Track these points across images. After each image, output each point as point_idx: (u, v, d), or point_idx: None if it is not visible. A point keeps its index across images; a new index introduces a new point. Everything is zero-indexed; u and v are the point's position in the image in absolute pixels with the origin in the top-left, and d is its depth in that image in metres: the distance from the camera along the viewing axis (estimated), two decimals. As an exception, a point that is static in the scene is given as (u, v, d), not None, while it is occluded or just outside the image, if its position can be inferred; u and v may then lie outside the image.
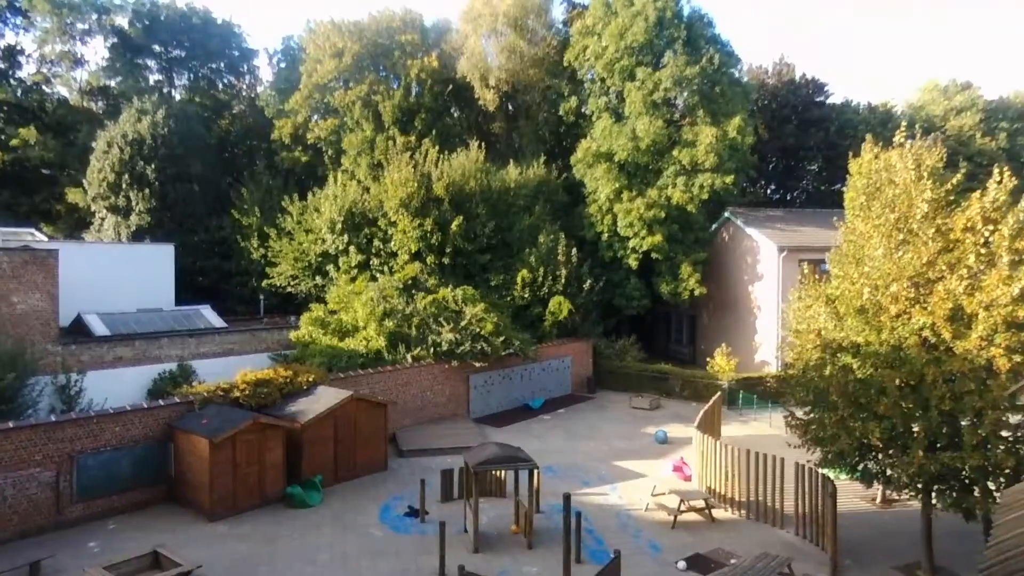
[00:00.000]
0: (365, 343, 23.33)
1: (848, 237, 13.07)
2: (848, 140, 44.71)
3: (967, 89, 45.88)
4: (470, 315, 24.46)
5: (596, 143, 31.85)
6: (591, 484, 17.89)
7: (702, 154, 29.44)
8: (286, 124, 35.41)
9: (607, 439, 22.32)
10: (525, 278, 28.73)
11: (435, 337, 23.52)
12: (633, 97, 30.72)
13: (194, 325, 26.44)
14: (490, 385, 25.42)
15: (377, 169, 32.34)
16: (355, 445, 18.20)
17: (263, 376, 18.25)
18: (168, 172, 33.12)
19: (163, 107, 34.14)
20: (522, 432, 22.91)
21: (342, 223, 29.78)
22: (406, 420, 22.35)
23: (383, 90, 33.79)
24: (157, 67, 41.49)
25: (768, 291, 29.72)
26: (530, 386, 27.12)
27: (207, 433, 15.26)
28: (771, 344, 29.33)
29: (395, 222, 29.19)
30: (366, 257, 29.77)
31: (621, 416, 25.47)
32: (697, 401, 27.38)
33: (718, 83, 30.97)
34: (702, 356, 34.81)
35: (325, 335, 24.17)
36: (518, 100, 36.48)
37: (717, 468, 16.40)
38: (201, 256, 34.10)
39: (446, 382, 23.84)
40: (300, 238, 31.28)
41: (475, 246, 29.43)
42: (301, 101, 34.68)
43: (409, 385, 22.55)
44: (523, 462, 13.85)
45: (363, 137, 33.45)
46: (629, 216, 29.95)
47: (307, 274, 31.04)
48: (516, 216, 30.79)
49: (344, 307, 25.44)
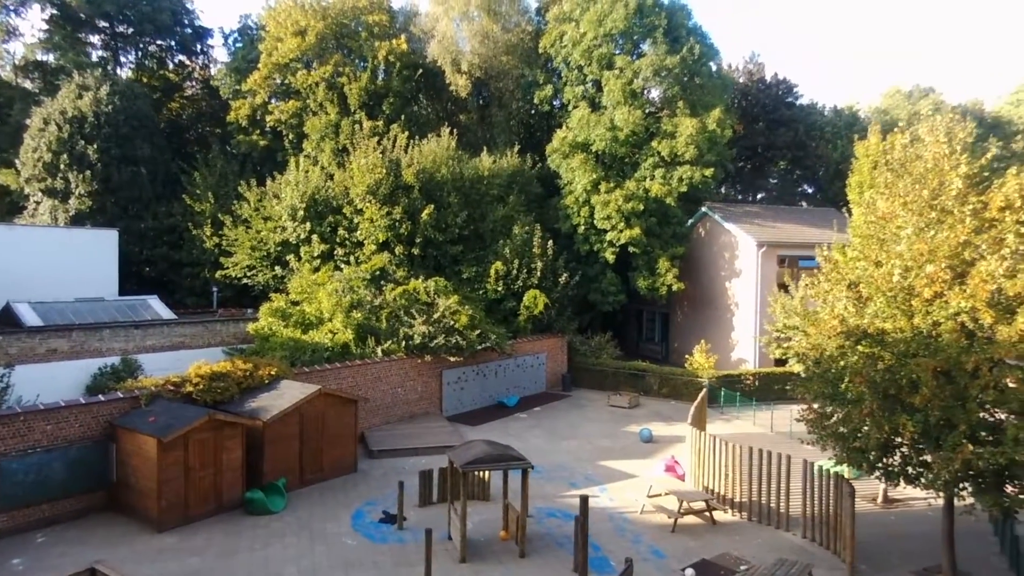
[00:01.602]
0: (331, 336, 21.66)
1: (868, 217, 12.13)
2: (815, 142, 45.10)
3: (930, 94, 46.60)
4: (443, 307, 23.03)
5: (573, 133, 30.79)
6: (579, 485, 16.67)
7: (682, 146, 28.66)
8: (243, 106, 33.25)
9: (590, 438, 21.15)
10: (499, 270, 27.43)
11: (407, 330, 22.00)
12: (611, 86, 29.77)
13: (140, 316, 24.29)
14: (464, 381, 23.99)
15: (342, 155, 30.55)
16: (322, 445, 16.58)
17: (219, 369, 16.46)
18: (112, 153, 30.61)
19: (107, 83, 31.60)
20: (499, 431, 21.56)
21: (304, 210, 27.93)
22: (376, 418, 20.76)
23: (349, 72, 32.02)
24: (101, 43, 38.64)
25: (746, 287, 29.10)
26: (505, 383, 25.79)
27: (155, 432, 13.47)
28: (750, 341, 28.71)
29: (361, 210, 27.53)
30: (330, 247, 27.98)
31: (600, 415, 24.37)
32: (676, 399, 26.53)
33: (698, 74, 30.31)
34: (676, 354, 34.07)
35: (287, 327, 22.37)
36: (491, 87, 35.16)
37: (716, 467, 15.38)
38: (148, 245, 31.68)
39: (418, 378, 22.32)
40: (258, 226, 29.26)
41: (446, 237, 27.97)
42: (260, 81, 32.61)
43: (379, 381, 20.97)
44: (515, 461, 12.52)
45: (327, 121, 31.61)
46: (607, 208, 28.93)
47: (265, 264, 29.04)
48: (489, 206, 29.46)
49: (307, 298, 23.69)
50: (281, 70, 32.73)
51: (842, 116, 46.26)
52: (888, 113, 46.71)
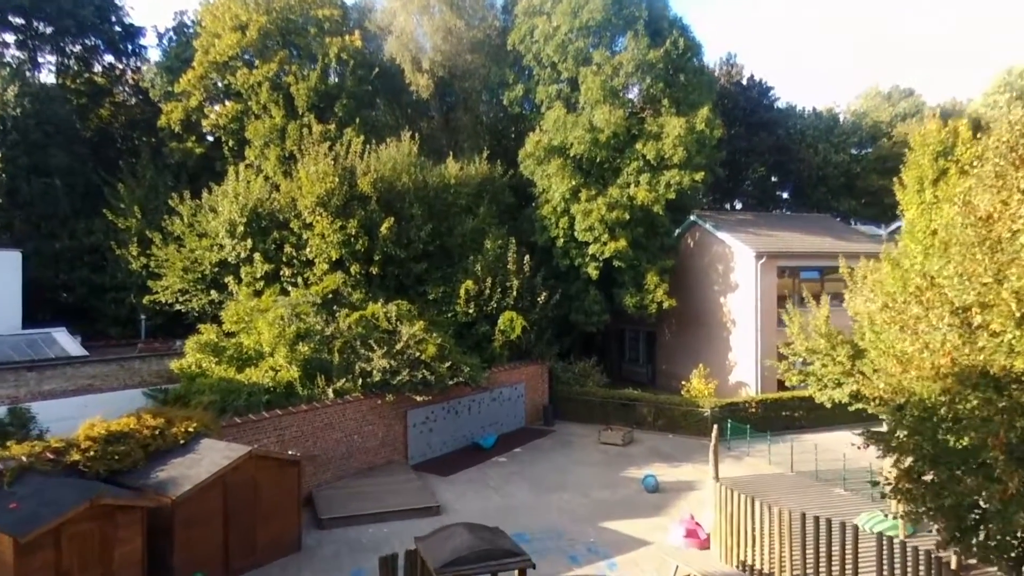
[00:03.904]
0: (272, 374, 18.07)
1: (964, 219, 9.20)
2: (796, 145, 43.11)
3: (910, 96, 45.14)
4: (407, 336, 19.65)
5: (547, 136, 27.80)
6: (579, 560, 13.44)
7: (669, 148, 25.90)
8: (175, 109, 29.42)
9: (584, 488, 17.94)
10: (469, 290, 24.16)
11: (364, 365, 18.54)
12: (589, 83, 26.92)
13: (42, 354, 20.28)
14: (432, 422, 20.60)
15: (289, 162, 26.97)
16: (255, 520, 13.02)
17: (119, 428, 12.80)
18: (20, 163, 26.51)
19: (15, 83, 27.52)
20: (476, 482, 18.24)
21: (244, 225, 24.27)
22: (327, 473, 17.21)
23: (296, 70, 28.52)
24: (16, 42, 34.41)
25: (744, 303, 26.35)
26: (480, 420, 22.47)
27: (11, 527, 9.80)
28: (749, 363, 25.94)
29: (311, 224, 24.02)
30: (275, 266, 24.36)
31: (591, 455, 21.20)
32: (674, 432, 23.53)
33: (683, 70, 27.70)
34: (663, 377, 31.20)
35: (219, 364, 18.70)
36: (455, 88, 32.03)
37: (754, 536, 12.30)
38: (65, 267, 27.53)
39: (378, 421, 18.86)
40: (192, 244, 25.45)
41: (409, 253, 24.61)
42: (195, 81, 28.85)
43: (331, 428, 17.45)
44: (511, 559, 9.22)
45: (271, 125, 28.01)
46: (589, 218, 25.95)
47: (200, 288, 25.23)
48: (457, 218, 26.21)
49: (245, 328, 20.07)
50: (219, 69, 29.05)
51: (822, 119, 44.46)
52: (868, 115, 45.10)
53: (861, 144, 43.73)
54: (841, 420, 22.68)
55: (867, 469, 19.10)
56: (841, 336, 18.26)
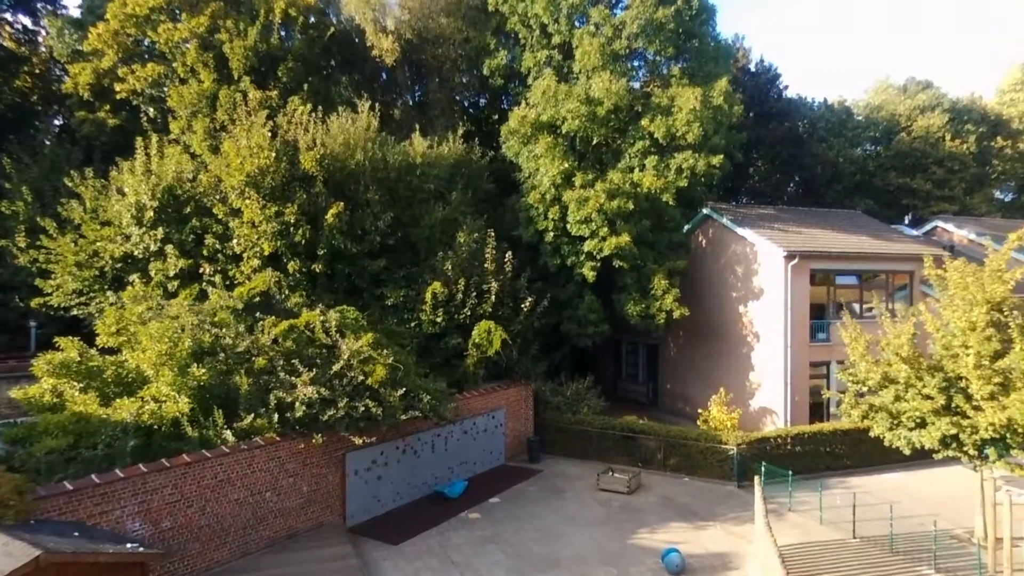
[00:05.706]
0: (155, 407, 13.07)
1: None
2: (808, 138, 38.94)
3: (928, 88, 41.11)
4: (349, 353, 14.76)
5: (535, 110, 23.05)
6: None
7: (682, 124, 21.33)
8: (84, 70, 24.28)
9: (584, 565, 13.15)
10: (437, 293, 19.36)
11: (282, 394, 13.60)
12: (586, 47, 22.29)
13: None
14: (381, 467, 15.70)
15: (219, 136, 21.99)
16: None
17: None
18: None
19: None
20: (435, 554, 13.40)
21: (156, 210, 19.29)
22: (222, 551, 12.24)
23: (231, 26, 23.53)
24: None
25: (772, 312, 21.77)
26: (446, 460, 17.62)
27: None
28: (778, 386, 21.37)
29: (239, 210, 19.12)
30: (193, 262, 19.41)
31: (589, 508, 16.42)
32: (690, 474, 18.86)
33: (696, 35, 23.18)
34: (668, 398, 26.60)
35: (87, 392, 13.67)
36: (426, 55, 27.18)
37: None
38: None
39: (302, 471, 13.92)
40: (92, 233, 20.39)
41: (363, 247, 19.74)
42: (107, 37, 23.71)
43: (229, 485, 12.49)
44: None
45: (199, 91, 22.98)
46: (584, 208, 21.25)
47: (99, 287, 20.16)
48: (424, 206, 21.39)
49: (128, 342, 15.06)
50: (138, 23, 23.96)
51: (834, 112, 40.31)
52: (883, 108, 41.02)
53: (877, 139, 39.65)
54: (893, 459, 18.33)
55: (950, 533, 14.60)
56: (926, 362, 13.83)
